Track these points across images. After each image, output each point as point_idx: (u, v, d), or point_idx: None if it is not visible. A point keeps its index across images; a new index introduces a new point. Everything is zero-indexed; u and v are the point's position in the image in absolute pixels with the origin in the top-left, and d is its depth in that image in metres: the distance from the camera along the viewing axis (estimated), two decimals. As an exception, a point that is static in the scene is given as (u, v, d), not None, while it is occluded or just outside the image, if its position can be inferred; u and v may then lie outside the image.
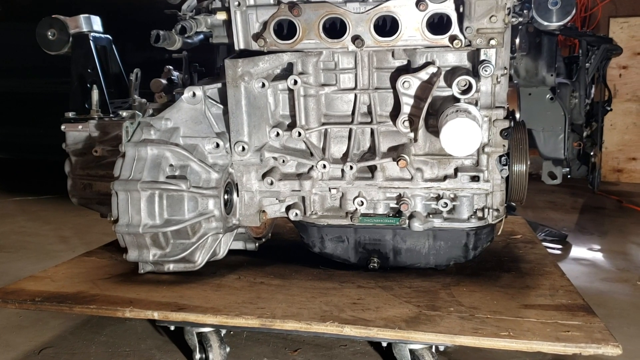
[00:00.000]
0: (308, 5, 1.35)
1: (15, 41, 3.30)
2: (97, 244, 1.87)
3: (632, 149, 4.27)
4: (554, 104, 2.28)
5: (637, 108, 4.22)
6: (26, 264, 2.34)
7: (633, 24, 4.15)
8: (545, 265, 1.61)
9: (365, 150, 1.49)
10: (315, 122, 1.46)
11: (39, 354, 1.57)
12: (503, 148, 1.40)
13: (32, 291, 1.43)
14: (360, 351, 1.55)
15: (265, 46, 1.40)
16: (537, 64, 2.26)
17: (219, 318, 1.28)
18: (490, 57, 1.33)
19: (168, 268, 1.53)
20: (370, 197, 1.48)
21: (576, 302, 1.33)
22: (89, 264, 1.67)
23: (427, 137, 1.44)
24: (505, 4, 1.27)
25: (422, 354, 1.30)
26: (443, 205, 1.44)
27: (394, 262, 1.53)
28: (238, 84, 1.41)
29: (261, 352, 1.55)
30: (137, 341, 1.63)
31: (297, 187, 1.47)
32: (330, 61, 1.44)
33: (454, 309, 1.30)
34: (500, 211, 1.45)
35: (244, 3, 1.40)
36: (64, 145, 1.80)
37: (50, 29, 2.07)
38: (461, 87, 1.32)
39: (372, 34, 1.34)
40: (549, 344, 1.14)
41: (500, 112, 1.38)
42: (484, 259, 1.60)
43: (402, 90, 1.36)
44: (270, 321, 1.26)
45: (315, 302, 1.35)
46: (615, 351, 1.10)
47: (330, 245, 1.54)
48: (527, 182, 1.42)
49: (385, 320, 1.24)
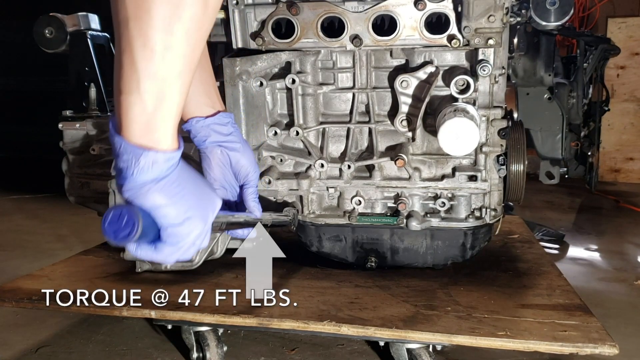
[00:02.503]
0: (306, 5, 1.35)
1: (12, 39, 3.29)
2: (95, 243, 1.86)
3: (630, 149, 4.28)
4: (552, 103, 2.28)
5: (635, 108, 4.23)
6: (23, 263, 2.33)
7: (631, 24, 4.16)
8: (542, 265, 1.61)
9: (363, 149, 1.49)
10: (313, 121, 1.46)
11: (36, 353, 1.57)
12: (501, 148, 1.40)
13: (29, 289, 1.42)
14: (358, 350, 1.56)
15: (264, 45, 1.40)
16: (535, 63, 2.26)
17: (216, 317, 1.28)
18: (488, 57, 1.33)
19: (165, 267, 1.53)
20: (368, 197, 1.48)
21: (573, 302, 1.33)
22: (86, 262, 1.66)
23: (425, 137, 1.44)
24: (504, 3, 1.27)
25: (420, 354, 1.30)
26: (441, 204, 1.44)
27: (391, 261, 1.54)
28: (236, 83, 1.41)
29: (259, 351, 1.55)
30: (134, 340, 1.63)
31: (294, 186, 1.47)
32: (328, 60, 1.44)
33: (451, 308, 1.30)
34: (497, 211, 1.46)
35: (242, 2, 1.39)
36: (62, 143, 1.80)
37: (48, 27, 2.07)
38: (459, 86, 1.32)
39: (371, 33, 1.34)
40: (546, 343, 1.14)
41: (498, 111, 1.38)
42: (482, 258, 1.60)
43: (400, 90, 1.36)
44: (268, 320, 1.25)
45: (313, 301, 1.35)
46: (612, 351, 1.11)
47: (328, 244, 1.54)
48: (524, 181, 1.43)
49: (382, 319, 1.24)
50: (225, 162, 1.07)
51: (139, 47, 0.66)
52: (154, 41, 0.66)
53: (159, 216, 0.73)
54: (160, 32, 0.66)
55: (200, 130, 1.05)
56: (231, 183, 1.09)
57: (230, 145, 1.06)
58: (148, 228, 0.72)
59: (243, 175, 1.09)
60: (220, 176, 1.07)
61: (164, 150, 0.71)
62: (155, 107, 0.69)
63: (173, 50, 0.67)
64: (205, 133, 1.05)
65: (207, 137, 1.05)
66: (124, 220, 0.70)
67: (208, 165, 1.07)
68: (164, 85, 0.68)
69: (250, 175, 1.10)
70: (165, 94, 0.69)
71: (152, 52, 0.66)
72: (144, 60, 0.66)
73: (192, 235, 0.76)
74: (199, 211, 0.76)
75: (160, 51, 0.66)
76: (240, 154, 1.08)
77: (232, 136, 1.07)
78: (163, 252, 0.76)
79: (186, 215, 0.74)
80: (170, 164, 0.71)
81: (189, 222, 0.75)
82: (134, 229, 0.69)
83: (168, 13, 0.66)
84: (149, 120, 0.69)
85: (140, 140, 0.69)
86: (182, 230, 0.75)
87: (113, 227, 0.70)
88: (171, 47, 0.67)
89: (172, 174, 0.72)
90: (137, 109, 0.68)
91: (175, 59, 0.68)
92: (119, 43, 0.68)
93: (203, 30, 0.71)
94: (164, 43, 0.66)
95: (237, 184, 1.10)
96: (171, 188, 0.72)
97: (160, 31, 0.66)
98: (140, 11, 0.65)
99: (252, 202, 1.10)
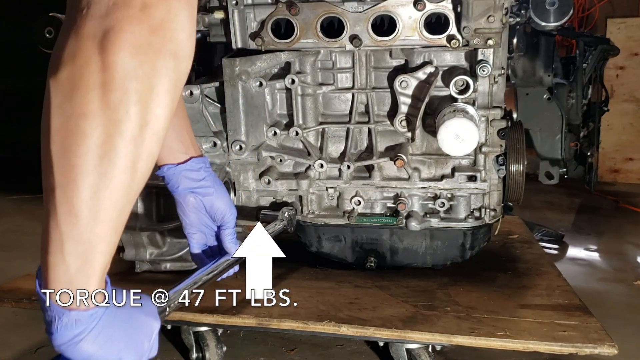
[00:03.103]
0: (306, 5, 1.35)
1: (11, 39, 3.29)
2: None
3: (629, 150, 4.27)
4: (551, 104, 2.28)
5: (634, 108, 4.23)
6: (22, 263, 2.33)
7: (630, 25, 4.15)
8: (542, 265, 1.61)
9: (363, 149, 1.49)
10: (312, 122, 1.46)
11: (35, 353, 1.57)
12: (500, 148, 1.40)
13: (28, 290, 1.42)
14: (357, 351, 1.55)
15: (263, 45, 1.40)
16: (534, 64, 2.26)
17: (215, 317, 1.28)
18: (487, 57, 1.34)
19: (165, 267, 1.53)
20: (367, 197, 1.48)
21: (573, 302, 1.33)
22: (85, 262, 1.66)
23: (425, 137, 1.44)
24: (503, 4, 1.28)
25: (419, 354, 1.30)
26: (440, 205, 1.44)
27: (391, 261, 1.54)
28: (235, 83, 1.41)
29: (258, 352, 1.55)
30: (133, 340, 1.62)
31: (294, 186, 1.47)
32: (327, 60, 1.44)
33: (450, 308, 1.31)
34: (497, 211, 1.46)
35: (241, 2, 1.39)
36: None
37: (48, 27, 2.07)
38: (459, 87, 1.32)
39: (370, 33, 1.34)
40: (546, 343, 1.14)
41: (497, 112, 1.38)
42: (481, 258, 1.60)
43: (400, 90, 1.36)
44: (267, 320, 1.26)
45: (312, 302, 1.35)
46: (612, 351, 1.11)
47: (328, 244, 1.54)
48: (524, 182, 1.43)
49: (382, 319, 1.24)
50: (200, 207, 1.07)
51: (63, 213, 0.65)
52: (78, 208, 0.65)
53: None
54: (86, 201, 0.65)
55: (172, 177, 1.05)
56: (209, 225, 1.10)
57: (202, 190, 1.07)
58: None
59: (219, 218, 1.10)
60: (196, 221, 1.08)
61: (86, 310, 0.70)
62: (78, 268, 0.68)
63: (99, 216, 0.67)
64: (177, 180, 1.05)
65: (179, 184, 1.05)
66: None
67: (182, 211, 1.07)
68: (87, 248, 0.67)
69: (227, 217, 1.10)
70: (89, 255, 0.68)
71: (77, 218, 0.65)
72: (68, 225, 0.66)
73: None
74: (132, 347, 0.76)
75: (85, 217, 0.66)
76: (215, 198, 1.08)
77: (204, 181, 1.07)
78: None
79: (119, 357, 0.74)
80: (94, 317, 0.71)
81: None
82: None
83: (95, 182, 0.65)
84: (71, 281, 0.68)
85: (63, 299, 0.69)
86: None
87: None
88: (97, 213, 0.66)
89: (99, 325, 0.72)
90: (60, 270, 0.68)
91: (100, 224, 0.67)
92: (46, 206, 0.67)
93: (131, 195, 0.70)
94: (89, 210, 0.66)
95: (214, 226, 1.11)
96: (99, 338, 0.72)
97: (86, 199, 0.65)
98: (66, 180, 0.64)
99: (229, 243, 1.11)
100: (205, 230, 1.10)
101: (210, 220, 1.10)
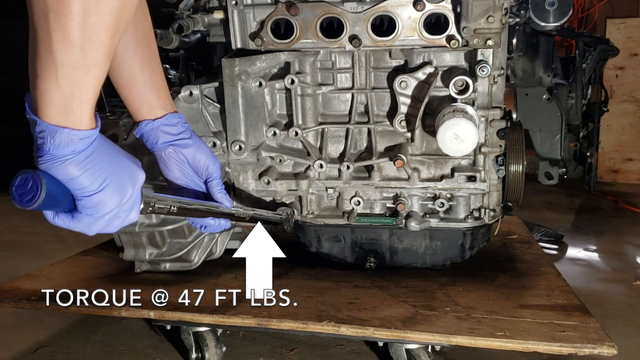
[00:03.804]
0: (305, 5, 1.35)
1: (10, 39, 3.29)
2: (93, 243, 1.86)
3: (629, 150, 4.27)
4: (551, 104, 2.28)
5: (634, 109, 4.23)
6: (22, 263, 2.33)
7: (630, 25, 4.15)
8: (541, 266, 1.61)
9: (362, 150, 1.49)
10: (312, 122, 1.46)
11: (35, 353, 1.57)
12: (500, 148, 1.40)
13: (28, 290, 1.42)
14: (357, 351, 1.55)
15: (263, 45, 1.40)
16: (534, 64, 2.26)
17: (215, 317, 1.28)
18: (487, 58, 1.34)
19: (164, 267, 1.53)
20: (367, 197, 1.48)
21: (572, 303, 1.33)
22: (85, 262, 1.66)
23: (424, 137, 1.44)
24: (503, 4, 1.28)
25: (419, 354, 1.30)
26: (440, 205, 1.44)
27: (390, 261, 1.54)
28: (235, 83, 1.41)
29: (257, 352, 1.55)
30: (133, 340, 1.63)
31: (293, 186, 1.47)
32: (327, 61, 1.44)
33: (450, 308, 1.30)
34: (496, 211, 1.46)
35: (241, 2, 1.40)
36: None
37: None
38: (458, 87, 1.32)
39: (370, 33, 1.34)
40: (545, 344, 1.14)
41: (497, 112, 1.38)
42: (481, 259, 1.60)
43: (399, 90, 1.36)
44: (267, 321, 1.25)
45: (312, 302, 1.35)
46: (611, 351, 1.11)
47: (327, 244, 1.54)
48: (523, 182, 1.43)
49: (381, 320, 1.24)
50: (182, 160, 1.07)
51: (58, 40, 0.68)
52: (73, 34, 0.68)
53: (73, 187, 0.75)
54: (79, 25, 0.68)
55: (150, 133, 1.05)
56: (194, 180, 1.09)
57: (182, 142, 1.07)
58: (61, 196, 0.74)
59: (203, 170, 1.09)
60: (180, 175, 1.08)
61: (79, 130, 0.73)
62: (72, 93, 0.71)
63: (91, 41, 0.70)
64: (155, 135, 1.05)
65: (158, 138, 1.05)
66: (28, 185, 0.72)
67: (165, 166, 1.07)
68: (82, 73, 0.70)
69: (210, 167, 1.10)
70: (83, 80, 0.71)
71: (71, 44, 0.68)
72: (63, 51, 0.68)
73: (108, 205, 0.78)
74: (114, 182, 0.78)
75: (78, 43, 0.69)
76: (194, 149, 1.08)
77: (182, 134, 1.07)
78: (81, 221, 0.78)
79: (100, 186, 0.76)
80: (86, 141, 0.74)
81: (102, 192, 0.76)
82: (37, 193, 0.71)
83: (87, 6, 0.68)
84: (65, 104, 0.71)
85: (57, 121, 0.71)
86: (95, 200, 0.76)
87: (19, 191, 0.73)
88: (90, 39, 0.69)
89: (88, 149, 0.74)
90: (54, 93, 0.70)
91: (93, 50, 0.70)
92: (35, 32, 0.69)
93: (122, 21, 0.73)
94: (83, 35, 0.69)
95: (200, 180, 1.10)
96: (86, 161, 0.74)
97: (79, 24, 0.68)
98: (59, 5, 0.67)
99: (218, 194, 1.10)
100: (191, 183, 1.09)
101: (194, 174, 1.09)
